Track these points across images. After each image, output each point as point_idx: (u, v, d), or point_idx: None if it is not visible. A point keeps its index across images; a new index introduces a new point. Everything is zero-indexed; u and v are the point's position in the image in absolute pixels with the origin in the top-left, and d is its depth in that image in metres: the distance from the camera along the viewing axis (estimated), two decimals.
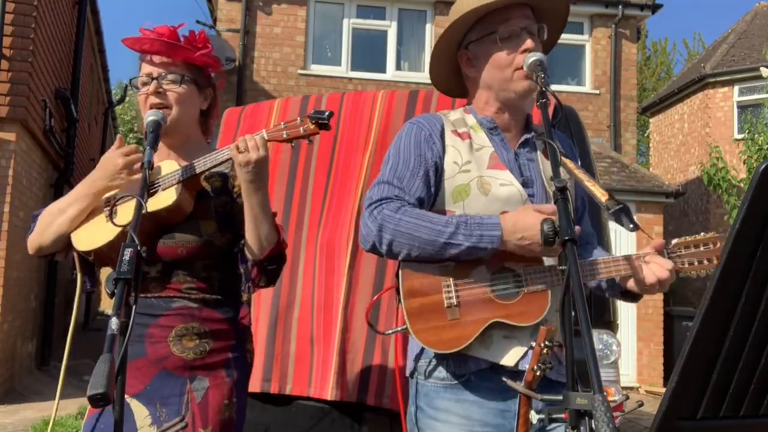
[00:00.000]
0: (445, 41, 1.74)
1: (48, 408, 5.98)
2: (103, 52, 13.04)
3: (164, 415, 1.75)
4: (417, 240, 1.55)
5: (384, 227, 1.57)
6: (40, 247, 1.85)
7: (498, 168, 1.66)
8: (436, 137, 1.69)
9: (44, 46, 7.74)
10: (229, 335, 1.85)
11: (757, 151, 9.01)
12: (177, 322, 1.79)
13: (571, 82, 11.82)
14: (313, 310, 2.67)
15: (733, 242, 0.94)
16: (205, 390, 1.79)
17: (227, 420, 1.80)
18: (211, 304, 1.83)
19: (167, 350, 1.78)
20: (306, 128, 1.69)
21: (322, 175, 2.88)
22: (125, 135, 22.12)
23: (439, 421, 1.62)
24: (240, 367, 1.87)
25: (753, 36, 15.02)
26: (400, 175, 1.65)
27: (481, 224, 1.54)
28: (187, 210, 1.79)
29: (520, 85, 1.65)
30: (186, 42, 1.86)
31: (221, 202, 1.85)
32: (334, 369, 2.55)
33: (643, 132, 20.50)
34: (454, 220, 1.56)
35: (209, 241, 1.81)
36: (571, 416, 1.13)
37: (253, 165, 1.67)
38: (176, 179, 1.75)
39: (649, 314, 10.01)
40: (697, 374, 0.98)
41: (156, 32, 1.84)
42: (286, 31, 11.05)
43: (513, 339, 1.58)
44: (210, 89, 1.96)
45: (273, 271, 1.81)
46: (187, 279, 1.82)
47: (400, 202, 1.61)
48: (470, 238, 1.53)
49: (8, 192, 7.00)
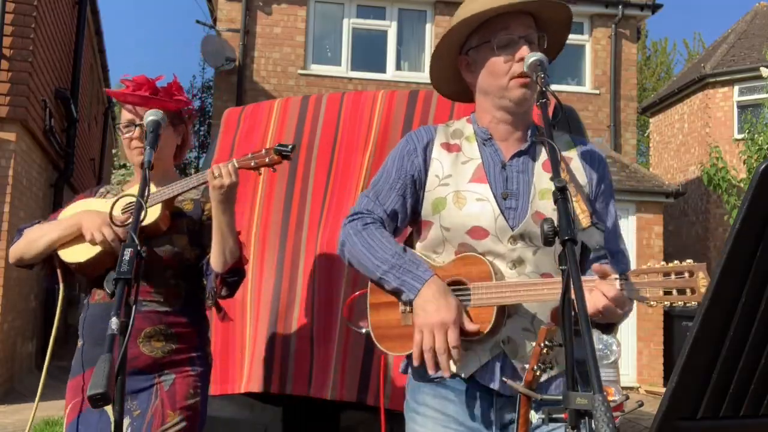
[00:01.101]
0: (446, 45, 1.74)
1: (48, 408, 5.98)
2: (103, 52, 13.05)
3: (134, 407, 1.98)
4: (362, 267, 1.68)
5: (345, 244, 1.72)
6: (20, 258, 2.11)
7: (478, 182, 1.67)
8: (420, 151, 1.74)
9: (44, 46, 7.74)
10: (192, 338, 2.11)
11: (757, 151, 9.01)
12: (146, 325, 2.02)
13: (571, 82, 11.82)
14: (313, 310, 2.67)
15: (733, 242, 0.93)
16: (173, 380, 2.04)
17: (193, 405, 2.04)
18: (176, 310, 2.08)
19: (137, 351, 2.00)
20: (271, 158, 1.98)
21: (322, 175, 2.88)
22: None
23: (419, 414, 1.70)
24: (203, 365, 2.13)
25: (753, 36, 15.02)
26: (378, 189, 1.76)
27: (410, 272, 1.60)
28: (164, 227, 2.06)
29: (515, 94, 1.65)
30: (164, 93, 2.14)
31: (191, 221, 2.14)
32: (334, 369, 2.55)
33: (643, 132, 20.50)
34: (391, 259, 1.62)
35: (180, 253, 2.08)
36: (571, 416, 1.13)
37: (225, 189, 1.96)
38: (160, 198, 2.01)
39: (649, 314, 10.00)
40: (697, 374, 0.98)
41: (135, 83, 2.11)
42: (286, 31, 11.05)
43: (471, 351, 1.61)
44: (182, 126, 2.24)
45: (233, 284, 2.06)
46: (159, 284, 2.05)
47: (369, 218, 1.72)
48: (396, 279, 1.61)
49: (8, 192, 7.00)
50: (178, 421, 1.97)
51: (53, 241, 2.06)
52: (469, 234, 1.63)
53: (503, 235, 1.62)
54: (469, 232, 1.63)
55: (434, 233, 1.69)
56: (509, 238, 1.61)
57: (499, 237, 1.62)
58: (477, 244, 1.63)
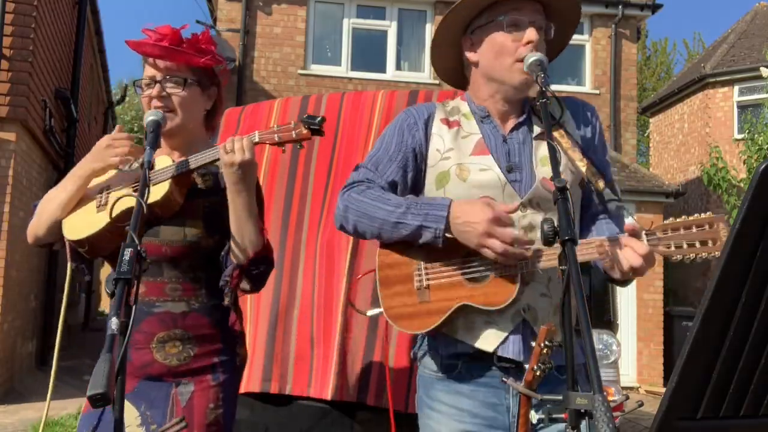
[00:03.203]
0: (449, 25, 1.72)
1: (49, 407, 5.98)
2: (103, 52, 13.05)
3: (150, 418, 1.76)
4: (375, 221, 1.61)
5: (348, 208, 1.66)
6: (36, 237, 1.84)
7: (481, 154, 1.67)
8: (421, 125, 1.73)
9: (44, 46, 7.74)
10: (215, 339, 1.83)
11: (757, 151, 9.02)
12: (159, 329, 1.78)
13: (571, 82, 11.82)
14: (313, 310, 2.67)
15: (733, 242, 0.93)
16: (191, 394, 1.78)
17: (213, 423, 1.79)
18: (195, 308, 1.81)
19: (150, 357, 1.78)
20: (298, 132, 1.66)
21: (322, 175, 2.88)
22: None
23: (434, 410, 1.68)
24: (228, 371, 1.85)
25: (753, 36, 15.02)
26: (377, 160, 1.72)
27: (430, 204, 1.58)
28: (176, 206, 1.77)
29: (517, 78, 1.64)
30: (189, 45, 1.84)
31: (211, 201, 1.84)
32: (334, 369, 2.55)
33: (643, 132, 20.49)
34: (406, 201, 1.61)
35: (195, 242, 1.80)
36: (571, 416, 1.13)
37: (237, 167, 1.67)
38: (167, 175, 1.73)
39: (649, 314, 10.01)
40: (697, 374, 0.98)
41: (158, 33, 1.82)
42: (286, 31, 11.05)
43: (493, 324, 1.60)
44: (214, 88, 1.93)
45: (259, 275, 1.80)
46: (172, 279, 1.80)
47: (369, 184, 1.68)
48: (417, 217, 1.57)
49: (8, 192, 7.00)
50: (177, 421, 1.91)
51: (61, 206, 1.80)
52: None
53: (512, 202, 1.60)
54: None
55: None
56: (519, 205, 1.60)
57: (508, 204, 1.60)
58: None
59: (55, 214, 1.81)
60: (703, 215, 1.49)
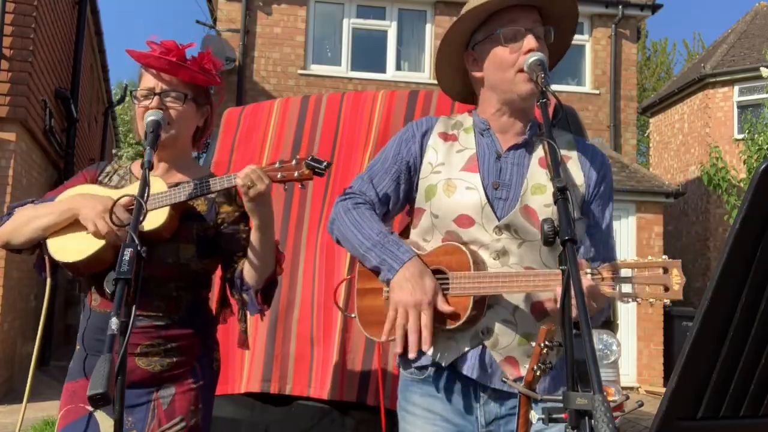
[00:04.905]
0: (450, 43, 1.73)
1: (48, 408, 5.98)
2: (103, 52, 13.04)
3: (130, 424, 1.79)
4: (348, 244, 1.71)
5: (335, 222, 1.75)
6: (7, 242, 1.88)
7: (470, 171, 1.68)
8: (418, 138, 1.77)
9: (44, 46, 7.74)
10: (195, 349, 1.90)
11: (757, 151, 9.01)
12: (143, 340, 1.81)
13: (571, 82, 11.82)
14: (313, 310, 2.67)
15: (733, 242, 0.93)
16: (172, 397, 1.84)
17: (194, 426, 1.84)
18: (177, 321, 1.86)
19: (133, 364, 1.80)
20: (300, 173, 1.72)
21: None
22: (125, 135, 22.06)
23: (408, 413, 1.72)
24: (206, 375, 1.92)
25: (753, 36, 15.02)
26: (374, 172, 1.78)
27: (391, 252, 1.62)
28: (169, 234, 1.81)
29: (522, 88, 1.64)
30: (193, 62, 1.88)
31: (203, 227, 1.88)
32: (334, 369, 2.55)
33: (643, 132, 20.49)
34: (377, 236, 1.64)
35: (186, 264, 1.84)
36: (571, 416, 1.13)
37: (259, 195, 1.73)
38: (166, 201, 1.76)
39: (649, 314, 10.00)
40: (697, 374, 0.98)
41: (164, 47, 1.86)
42: (286, 31, 11.05)
43: (452, 340, 1.63)
44: (207, 107, 1.98)
45: (268, 296, 1.90)
46: (158, 297, 1.83)
47: (361, 198, 1.74)
48: (377, 257, 1.63)
49: (8, 192, 6.99)
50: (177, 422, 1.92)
51: (44, 228, 1.81)
52: (456, 222, 1.65)
53: (489, 224, 1.63)
54: (456, 220, 1.65)
55: (425, 220, 1.71)
56: (494, 228, 1.62)
57: (484, 226, 1.63)
58: (463, 233, 1.64)
59: (38, 233, 1.83)
60: (659, 259, 1.41)
